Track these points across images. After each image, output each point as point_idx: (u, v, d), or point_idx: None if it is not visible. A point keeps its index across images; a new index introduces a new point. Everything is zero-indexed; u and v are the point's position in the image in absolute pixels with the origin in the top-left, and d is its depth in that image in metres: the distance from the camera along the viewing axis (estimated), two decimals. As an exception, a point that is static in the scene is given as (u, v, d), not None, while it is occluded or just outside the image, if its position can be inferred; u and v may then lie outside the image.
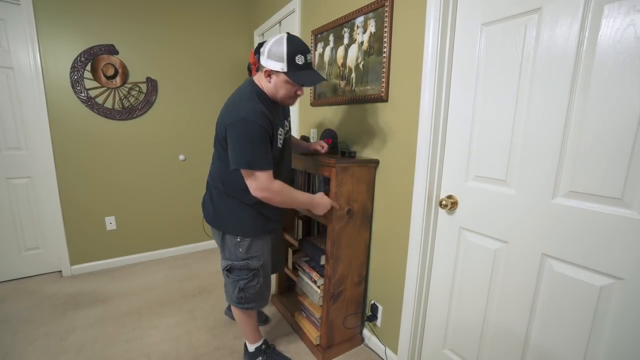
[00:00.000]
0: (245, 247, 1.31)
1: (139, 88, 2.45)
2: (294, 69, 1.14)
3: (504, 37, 1.06)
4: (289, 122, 1.40)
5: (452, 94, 1.25)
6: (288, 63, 1.12)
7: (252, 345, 1.51)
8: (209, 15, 2.66)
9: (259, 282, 1.36)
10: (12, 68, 2.11)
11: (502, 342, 1.16)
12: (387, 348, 1.61)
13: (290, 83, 1.18)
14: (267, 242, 1.39)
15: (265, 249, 1.37)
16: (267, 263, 1.39)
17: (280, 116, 1.29)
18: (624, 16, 0.80)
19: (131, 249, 2.63)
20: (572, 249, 0.94)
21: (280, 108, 1.31)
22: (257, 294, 1.37)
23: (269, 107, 1.21)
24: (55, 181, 2.27)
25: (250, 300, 1.38)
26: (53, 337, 1.71)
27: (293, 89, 1.21)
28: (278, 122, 1.25)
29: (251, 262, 1.32)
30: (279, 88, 1.20)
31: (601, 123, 0.86)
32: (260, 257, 1.34)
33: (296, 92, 1.24)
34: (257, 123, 1.13)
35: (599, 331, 0.90)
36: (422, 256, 1.37)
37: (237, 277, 1.34)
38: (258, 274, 1.35)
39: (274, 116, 1.22)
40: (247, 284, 1.33)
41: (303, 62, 1.14)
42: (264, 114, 1.15)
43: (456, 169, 1.26)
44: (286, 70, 1.13)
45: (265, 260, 1.37)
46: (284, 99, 1.24)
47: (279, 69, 1.14)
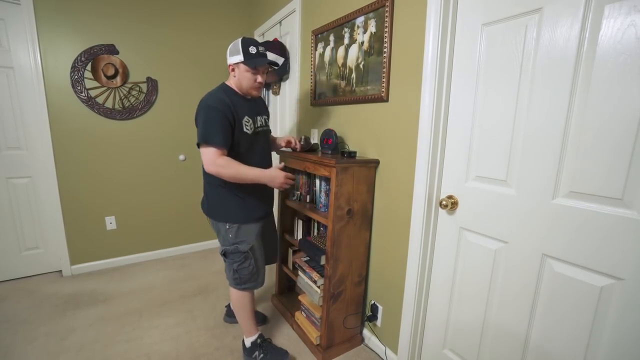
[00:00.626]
0: (234, 233, 1.45)
1: (139, 88, 2.45)
2: (249, 57, 1.34)
3: (505, 37, 1.06)
4: (264, 120, 1.54)
5: (453, 94, 1.25)
6: (244, 53, 1.34)
7: (249, 339, 1.57)
8: (209, 15, 2.66)
9: (251, 264, 1.49)
10: (13, 68, 2.11)
11: (502, 343, 1.16)
12: (387, 348, 1.60)
13: (249, 71, 1.37)
14: (255, 228, 1.50)
15: (253, 234, 1.49)
16: (257, 247, 1.51)
17: (249, 109, 1.45)
18: (625, 16, 0.80)
19: (131, 249, 2.63)
20: (572, 250, 0.94)
21: (251, 104, 1.47)
22: (251, 275, 1.51)
23: (234, 99, 1.38)
24: (56, 181, 2.27)
25: (245, 281, 1.51)
26: (53, 337, 1.71)
27: (253, 77, 1.39)
28: (244, 112, 1.41)
29: (240, 246, 1.46)
30: (241, 79, 1.39)
31: (601, 123, 0.86)
32: (249, 241, 1.47)
33: (256, 80, 1.40)
34: (217, 107, 1.31)
35: (599, 331, 0.90)
36: (422, 256, 1.37)
37: (232, 260, 1.48)
38: (249, 256, 1.48)
39: (239, 106, 1.39)
40: (240, 265, 1.48)
41: (256, 52, 1.36)
42: (224, 101, 1.34)
43: (456, 169, 1.26)
44: (243, 60, 1.34)
45: (254, 244, 1.50)
46: (249, 90, 1.42)
47: (238, 60, 1.36)
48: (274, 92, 2.59)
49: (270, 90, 2.67)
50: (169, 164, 2.66)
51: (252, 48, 1.35)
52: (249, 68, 1.35)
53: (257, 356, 1.53)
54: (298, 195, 1.90)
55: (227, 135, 1.33)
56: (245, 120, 1.40)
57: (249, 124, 1.42)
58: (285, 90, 2.44)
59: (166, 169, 2.66)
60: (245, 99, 1.44)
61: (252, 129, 1.44)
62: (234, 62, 1.37)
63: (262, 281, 1.56)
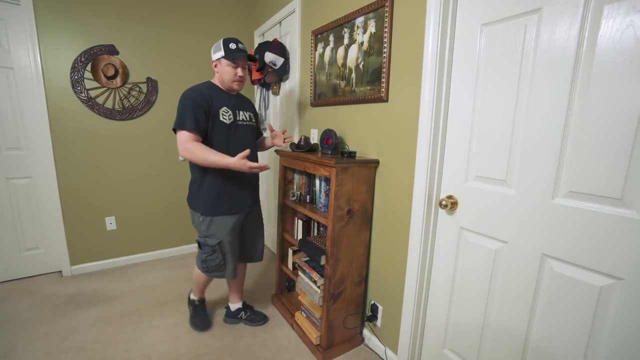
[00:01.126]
0: (206, 225, 1.54)
1: (139, 88, 2.45)
2: (229, 52, 1.46)
3: (504, 37, 1.06)
4: (248, 115, 1.62)
5: (452, 94, 1.25)
6: (225, 49, 1.46)
7: (193, 296, 1.85)
8: (209, 16, 2.66)
9: (218, 257, 1.57)
10: (13, 68, 2.11)
11: (502, 343, 1.16)
12: (387, 348, 1.61)
13: (230, 64, 1.48)
14: (229, 222, 1.56)
15: (226, 228, 1.55)
16: (227, 242, 1.57)
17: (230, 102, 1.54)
18: (624, 17, 0.80)
19: (131, 249, 2.63)
20: (572, 249, 0.94)
21: (234, 99, 1.57)
22: (218, 266, 1.59)
23: (213, 92, 1.50)
24: (56, 181, 2.27)
25: (212, 271, 1.61)
26: (53, 337, 1.71)
27: (233, 71, 1.50)
28: (221, 102, 1.50)
29: (209, 240, 1.55)
30: (223, 73, 1.51)
31: (601, 123, 0.86)
32: (218, 236, 1.54)
33: (237, 74, 1.51)
34: (192, 96, 1.44)
35: (599, 331, 0.90)
36: (422, 256, 1.38)
37: (202, 251, 1.58)
38: (217, 249, 1.56)
39: (218, 98, 1.50)
40: (207, 257, 1.57)
41: (235, 48, 1.47)
42: (201, 91, 1.46)
43: (456, 169, 1.26)
44: (224, 55, 1.46)
45: (224, 239, 1.56)
46: (230, 84, 1.52)
47: (219, 56, 1.48)
48: (274, 92, 2.59)
49: (270, 91, 2.67)
50: (169, 164, 2.67)
51: (232, 44, 1.47)
52: (229, 62, 1.47)
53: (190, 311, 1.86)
54: (298, 195, 1.90)
55: (199, 120, 1.41)
56: (224, 110, 1.49)
57: (227, 114, 1.50)
58: (285, 90, 2.44)
59: (166, 169, 2.67)
60: (228, 94, 1.56)
61: (231, 120, 1.51)
62: (216, 58, 1.51)
63: (230, 274, 1.62)
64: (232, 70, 1.49)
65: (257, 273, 2.52)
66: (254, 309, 1.91)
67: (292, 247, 1.94)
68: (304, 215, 1.88)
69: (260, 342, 1.71)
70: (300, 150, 1.72)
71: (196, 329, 1.79)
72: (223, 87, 1.55)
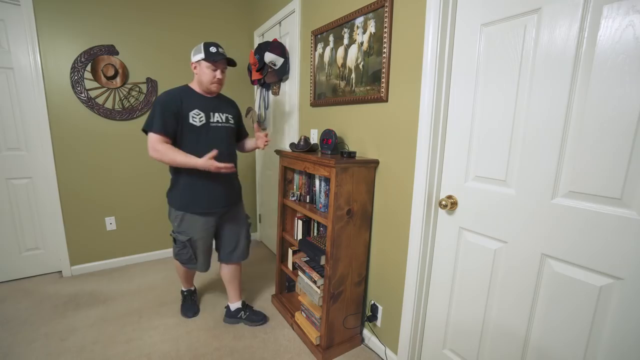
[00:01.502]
0: (178, 221, 1.63)
1: (139, 88, 2.45)
2: (209, 55, 1.51)
3: (504, 37, 1.06)
4: (224, 117, 1.66)
5: (452, 94, 1.25)
6: (205, 52, 1.51)
7: (182, 287, 1.99)
8: (209, 16, 2.66)
9: (189, 253, 1.66)
10: (12, 68, 2.11)
11: (502, 342, 1.16)
12: (387, 348, 1.61)
13: (210, 67, 1.53)
14: (200, 221, 1.63)
15: (196, 228, 1.63)
16: (198, 239, 1.65)
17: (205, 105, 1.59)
18: (623, 17, 0.80)
19: (131, 249, 2.63)
20: (571, 249, 0.94)
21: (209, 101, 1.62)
22: (189, 259, 1.69)
23: (186, 94, 1.56)
24: (56, 181, 2.27)
25: (184, 262, 1.71)
26: (53, 337, 1.71)
27: (212, 73, 1.55)
28: (193, 104, 1.55)
29: (179, 236, 1.64)
30: (202, 75, 1.55)
31: (600, 123, 0.86)
32: (187, 234, 1.63)
33: (216, 77, 1.56)
34: (162, 100, 1.51)
35: (598, 331, 0.90)
36: (421, 256, 1.38)
37: (175, 245, 1.69)
38: (187, 245, 1.64)
39: (190, 100, 1.55)
40: (178, 251, 1.68)
41: (215, 51, 1.53)
42: (172, 94, 1.53)
43: (456, 169, 1.26)
44: (204, 57, 1.51)
45: (194, 237, 1.63)
46: (208, 85, 1.57)
47: (199, 58, 1.52)
48: (274, 93, 2.59)
49: (270, 91, 2.67)
50: (168, 164, 2.66)
51: (213, 48, 1.53)
52: (209, 64, 1.52)
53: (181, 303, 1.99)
54: (298, 196, 1.90)
55: (166, 123, 1.48)
56: (194, 113, 1.54)
57: (199, 116, 1.56)
58: (285, 90, 2.45)
59: (166, 169, 2.66)
60: (203, 97, 1.61)
61: (202, 122, 1.57)
62: (195, 60, 1.55)
63: (203, 267, 1.73)
64: (211, 73, 1.54)
65: (257, 273, 2.52)
66: (253, 308, 1.91)
67: (292, 247, 1.94)
68: (304, 215, 1.88)
69: (260, 342, 1.71)
70: (300, 151, 1.72)
71: (184, 316, 1.91)
72: (201, 88, 1.60)
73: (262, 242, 3.20)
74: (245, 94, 2.95)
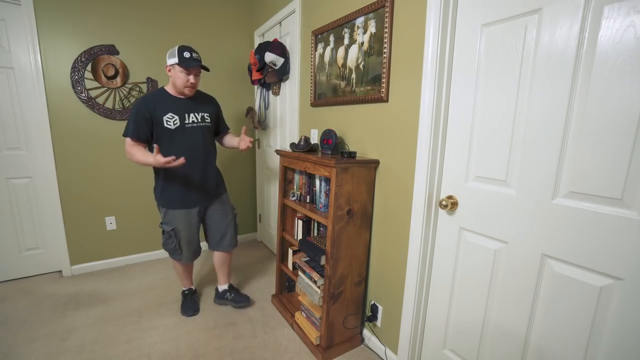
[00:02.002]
0: (163, 214, 1.77)
1: (139, 88, 2.45)
2: (183, 60, 1.58)
3: (504, 37, 1.06)
4: (200, 116, 1.73)
5: (453, 95, 1.25)
6: (179, 57, 1.58)
7: (182, 287, 2.05)
8: (209, 16, 2.66)
9: (174, 242, 1.78)
10: (13, 68, 2.12)
11: (502, 343, 1.16)
12: (387, 348, 1.61)
13: (183, 71, 1.60)
14: (181, 214, 1.74)
15: (179, 220, 1.74)
16: (181, 229, 1.76)
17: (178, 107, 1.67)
18: (624, 17, 0.80)
19: (131, 249, 2.63)
20: (572, 250, 0.94)
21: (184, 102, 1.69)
22: (174, 250, 1.81)
23: (160, 98, 1.65)
24: (56, 181, 2.27)
25: (171, 253, 1.83)
26: (53, 337, 1.71)
27: (186, 77, 1.61)
28: (166, 108, 1.63)
29: (164, 227, 1.77)
30: (176, 78, 1.62)
31: (601, 124, 0.86)
32: (172, 224, 1.75)
33: (189, 80, 1.62)
34: (137, 106, 1.61)
35: (599, 331, 0.90)
36: (422, 256, 1.38)
37: (162, 235, 1.80)
38: (171, 235, 1.76)
39: (163, 104, 1.64)
40: (165, 241, 1.80)
41: (189, 56, 1.59)
42: (147, 100, 1.63)
43: (456, 170, 1.26)
44: (177, 62, 1.57)
45: (178, 227, 1.75)
46: (182, 88, 1.64)
47: (173, 62, 1.59)
48: (274, 93, 2.59)
49: (270, 91, 2.67)
50: (169, 164, 2.66)
51: (187, 53, 1.59)
52: (182, 69, 1.59)
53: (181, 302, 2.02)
54: (298, 196, 1.90)
55: (138, 128, 1.61)
56: (168, 117, 1.63)
57: (173, 119, 1.64)
58: (285, 90, 2.45)
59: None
60: (177, 98, 1.68)
61: (177, 125, 1.65)
62: (170, 64, 1.61)
63: (187, 258, 1.85)
64: (184, 77, 1.61)
65: (257, 273, 2.52)
66: (239, 291, 2.06)
67: (292, 247, 1.94)
68: (304, 215, 1.88)
69: (260, 342, 1.71)
70: (301, 151, 1.72)
71: (183, 315, 1.93)
72: (175, 91, 1.67)
73: (262, 242, 3.20)
74: (246, 94, 2.95)
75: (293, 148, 1.79)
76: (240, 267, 2.62)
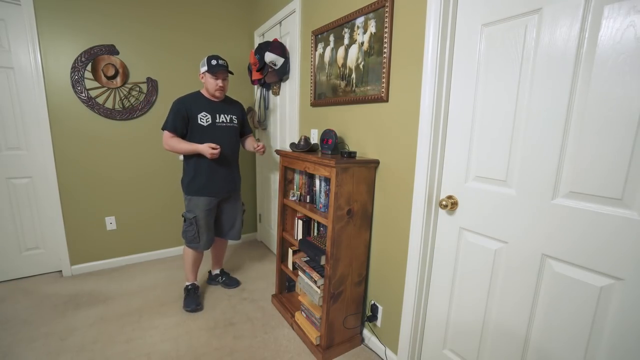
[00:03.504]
0: (187, 202, 1.95)
1: (139, 88, 2.45)
2: (211, 67, 1.82)
3: (504, 37, 1.06)
4: (229, 117, 1.96)
5: (453, 95, 1.25)
6: (208, 65, 1.83)
7: (186, 282, 2.10)
8: (209, 16, 2.66)
9: (194, 230, 1.93)
10: (13, 68, 2.11)
11: (502, 343, 1.16)
12: (387, 348, 1.61)
13: (212, 77, 1.84)
14: (203, 202, 1.92)
15: (199, 208, 1.92)
16: (202, 218, 1.93)
17: (211, 108, 1.90)
18: (624, 17, 0.80)
19: (131, 249, 2.63)
20: (572, 250, 0.94)
21: (217, 104, 1.93)
22: (193, 238, 1.95)
23: (195, 99, 1.89)
24: (56, 181, 2.27)
25: (189, 241, 1.97)
26: (53, 337, 1.71)
27: (215, 82, 1.85)
28: (201, 108, 1.87)
29: (188, 214, 1.94)
30: (207, 83, 1.87)
31: (601, 124, 0.86)
32: (194, 212, 1.92)
33: (217, 84, 1.86)
34: (175, 104, 1.86)
35: (599, 331, 0.90)
36: (422, 256, 1.38)
37: (184, 223, 1.96)
38: (193, 222, 1.92)
39: (198, 104, 1.87)
40: (185, 228, 1.95)
41: (216, 63, 1.83)
42: (184, 99, 1.87)
43: (456, 170, 1.26)
44: (207, 69, 1.82)
45: (199, 215, 1.92)
46: (213, 92, 1.88)
47: (204, 70, 1.85)
48: (274, 93, 2.59)
49: (270, 91, 2.67)
50: (169, 164, 2.67)
51: (214, 60, 1.83)
52: (211, 75, 1.83)
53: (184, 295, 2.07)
54: (298, 196, 1.90)
55: (176, 124, 1.84)
56: (202, 115, 1.87)
57: (206, 117, 1.88)
58: (285, 90, 2.44)
59: (166, 169, 2.67)
60: (210, 100, 1.92)
61: (209, 123, 1.88)
62: (202, 72, 1.88)
63: (203, 246, 1.99)
64: (214, 81, 1.85)
65: (257, 273, 2.52)
66: (229, 275, 2.32)
67: (292, 247, 1.94)
68: (304, 215, 1.88)
69: (260, 342, 1.71)
70: (301, 150, 1.72)
71: (186, 310, 1.98)
72: (208, 94, 1.91)
73: (262, 242, 3.20)
74: (246, 94, 2.95)
75: (293, 148, 1.79)
76: (240, 267, 2.62)
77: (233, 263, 2.69)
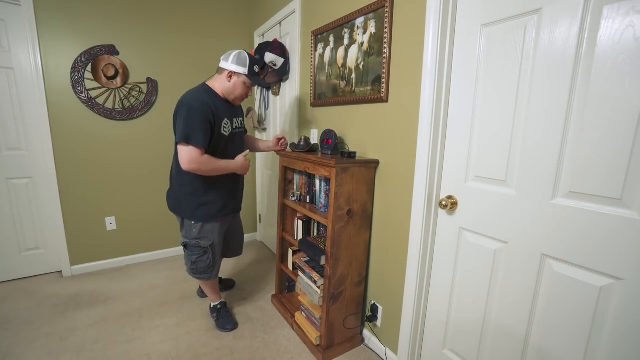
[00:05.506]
0: (197, 229, 1.61)
1: (139, 88, 2.46)
2: (252, 74, 1.54)
3: (504, 38, 1.06)
4: (240, 121, 1.69)
5: (452, 95, 1.25)
6: (249, 70, 1.52)
7: (213, 302, 1.87)
8: (209, 16, 2.66)
9: (209, 259, 1.66)
10: (13, 68, 2.12)
11: (502, 343, 1.16)
12: (387, 348, 1.61)
13: (247, 84, 1.55)
14: (218, 226, 1.66)
15: (216, 232, 1.65)
16: (217, 243, 1.68)
17: (228, 111, 1.57)
18: (623, 17, 0.80)
19: (131, 249, 2.63)
20: (572, 250, 0.94)
21: (230, 106, 1.60)
22: (207, 268, 1.68)
23: (215, 101, 1.50)
24: (56, 181, 2.27)
25: (201, 272, 1.69)
26: (53, 337, 1.71)
27: (247, 91, 1.59)
28: (223, 113, 1.52)
29: (202, 242, 1.62)
30: (236, 87, 1.54)
31: (600, 124, 0.86)
32: (210, 238, 1.63)
33: (247, 93, 1.60)
34: (199, 108, 1.40)
35: (598, 331, 0.90)
36: (422, 256, 1.38)
37: (191, 253, 1.64)
38: (208, 251, 1.64)
39: (219, 108, 1.50)
40: (198, 258, 1.64)
41: (258, 71, 1.59)
42: (206, 102, 1.44)
43: (456, 170, 1.26)
44: (247, 74, 1.52)
45: (215, 241, 1.65)
46: (236, 98, 1.58)
47: (241, 72, 1.52)
48: (274, 93, 2.59)
49: (270, 91, 2.67)
50: (169, 164, 2.66)
51: (256, 67, 1.57)
52: (246, 80, 1.54)
53: (215, 317, 1.84)
54: (298, 196, 1.90)
55: (207, 136, 1.43)
56: (225, 123, 1.53)
57: (227, 126, 1.55)
58: (285, 90, 2.45)
59: (166, 169, 2.66)
60: (226, 104, 1.58)
61: (230, 131, 1.58)
62: (235, 71, 1.51)
63: (216, 274, 1.76)
64: (246, 89, 1.58)
65: (257, 273, 2.53)
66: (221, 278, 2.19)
67: (292, 247, 1.94)
68: (304, 216, 1.88)
69: (260, 342, 1.71)
70: (300, 151, 1.72)
71: (225, 330, 1.80)
72: (226, 96, 1.56)
73: (262, 242, 3.20)
74: (246, 94, 2.94)
75: (293, 148, 1.79)
76: (240, 267, 2.63)
77: (233, 263, 2.69)
